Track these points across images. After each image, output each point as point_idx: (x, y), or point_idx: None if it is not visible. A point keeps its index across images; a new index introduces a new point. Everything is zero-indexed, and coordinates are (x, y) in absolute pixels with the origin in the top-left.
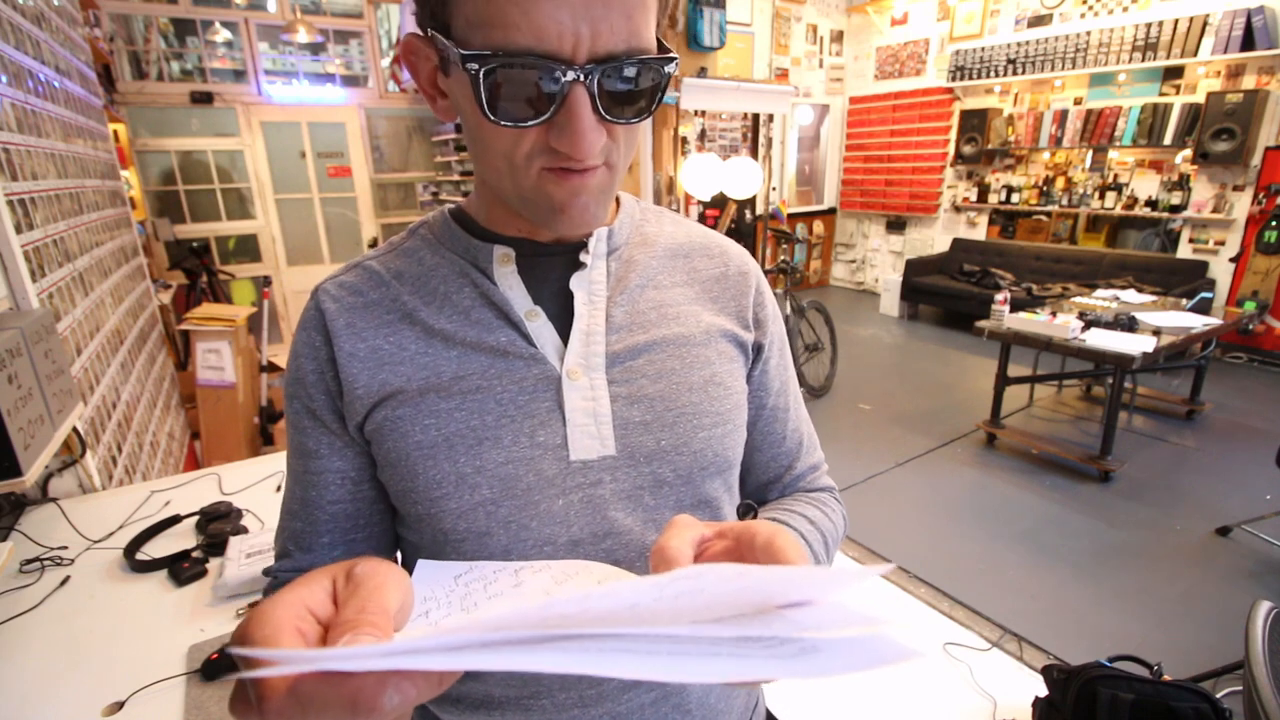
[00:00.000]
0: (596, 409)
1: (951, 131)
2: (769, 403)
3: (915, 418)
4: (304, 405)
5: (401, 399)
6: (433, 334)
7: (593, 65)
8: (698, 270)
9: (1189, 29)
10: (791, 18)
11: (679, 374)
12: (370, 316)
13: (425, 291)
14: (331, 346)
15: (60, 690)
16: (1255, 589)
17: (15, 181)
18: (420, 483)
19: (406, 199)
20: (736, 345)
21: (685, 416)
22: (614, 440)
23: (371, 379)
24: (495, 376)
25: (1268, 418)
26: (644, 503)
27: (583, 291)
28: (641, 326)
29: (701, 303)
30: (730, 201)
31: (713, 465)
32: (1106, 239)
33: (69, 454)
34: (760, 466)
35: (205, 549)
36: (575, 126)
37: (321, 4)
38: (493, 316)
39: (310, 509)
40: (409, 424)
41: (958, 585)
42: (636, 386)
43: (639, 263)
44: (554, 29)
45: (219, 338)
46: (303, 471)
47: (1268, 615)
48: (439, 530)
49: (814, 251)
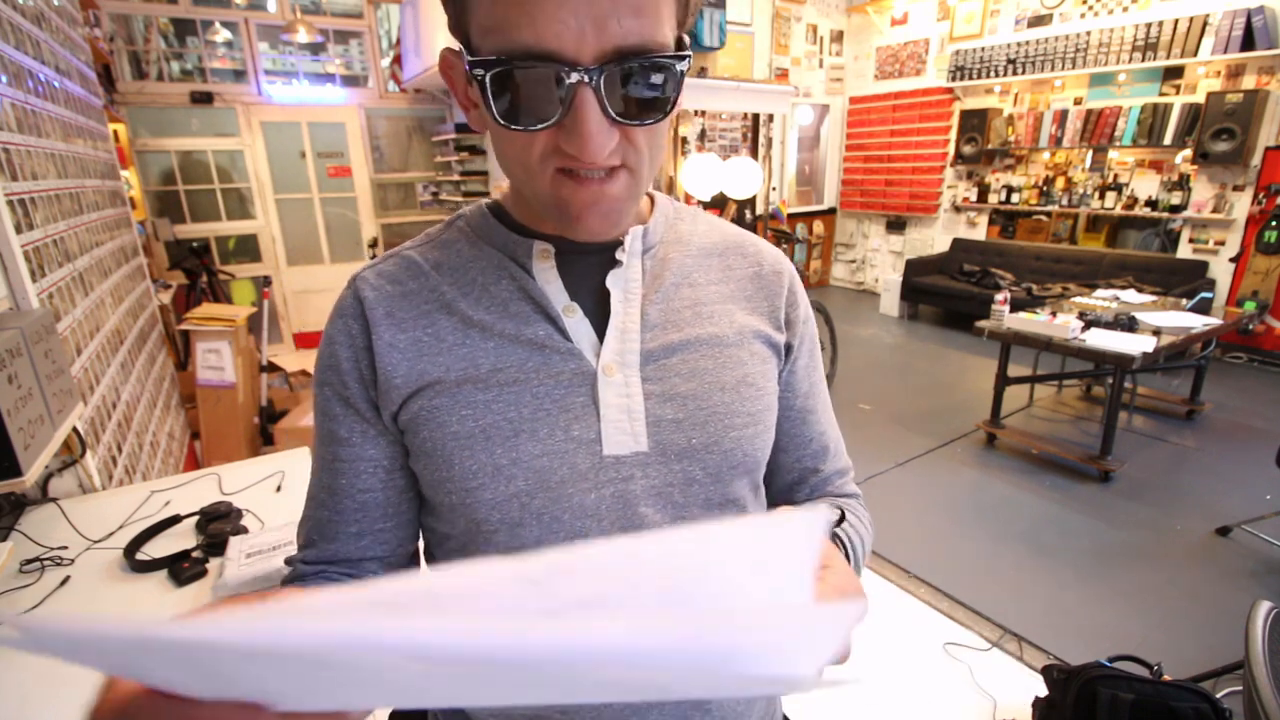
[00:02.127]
0: (630, 405)
1: (951, 131)
2: (796, 404)
3: (915, 418)
4: (336, 392)
5: (439, 389)
6: (470, 324)
7: (599, 65)
8: (732, 269)
9: (1189, 29)
10: (791, 18)
11: (712, 373)
12: (409, 306)
13: (464, 282)
14: (370, 335)
15: (60, 690)
16: (1255, 589)
17: (15, 181)
18: (456, 472)
19: (406, 199)
20: (769, 346)
21: (717, 416)
22: (646, 437)
23: (410, 369)
24: (532, 370)
25: (1268, 418)
26: (673, 499)
27: (619, 289)
28: (676, 325)
29: (735, 301)
30: (730, 201)
31: (742, 465)
32: (1106, 239)
33: (69, 454)
34: (786, 467)
35: (205, 549)
36: (582, 129)
37: (321, 4)
38: (530, 310)
39: (338, 497)
40: (446, 414)
41: (958, 585)
42: (670, 384)
43: (674, 260)
44: (556, 29)
45: (219, 338)
46: (332, 459)
47: (1268, 615)
48: (472, 520)
49: (814, 251)
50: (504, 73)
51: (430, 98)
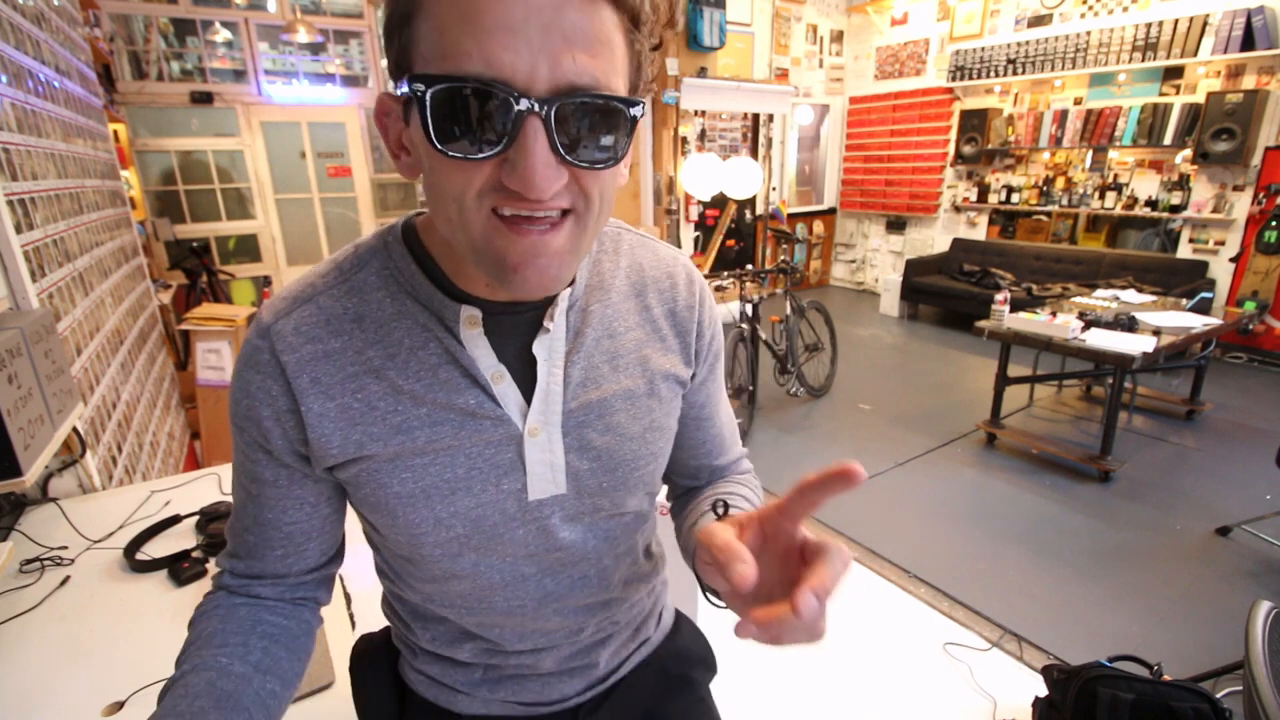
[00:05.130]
0: (553, 460)
1: (951, 131)
2: (693, 414)
3: (915, 418)
4: (256, 441)
5: (377, 458)
6: (400, 392)
7: (551, 98)
8: (649, 310)
9: (1189, 29)
10: (791, 18)
11: (624, 426)
12: (334, 369)
13: (389, 343)
14: (296, 401)
15: (60, 690)
16: (1255, 589)
17: (15, 181)
18: (400, 522)
19: (406, 199)
20: (677, 384)
21: (625, 463)
22: (565, 482)
23: (346, 438)
24: (465, 437)
25: (1268, 418)
26: (585, 521)
27: (544, 352)
28: (595, 382)
29: (651, 345)
30: (730, 201)
31: (643, 490)
32: (1106, 239)
33: (69, 454)
34: (684, 464)
35: (205, 549)
36: (528, 161)
37: (321, 4)
38: (459, 376)
39: (265, 528)
40: (386, 476)
41: (958, 585)
42: (587, 440)
43: (595, 314)
44: (509, 58)
45: (219, 338)
46: (257, 494)
47: (1268, 615)
48: (416, 551)
49: (814, 251)
50: (448, 93)
51: None
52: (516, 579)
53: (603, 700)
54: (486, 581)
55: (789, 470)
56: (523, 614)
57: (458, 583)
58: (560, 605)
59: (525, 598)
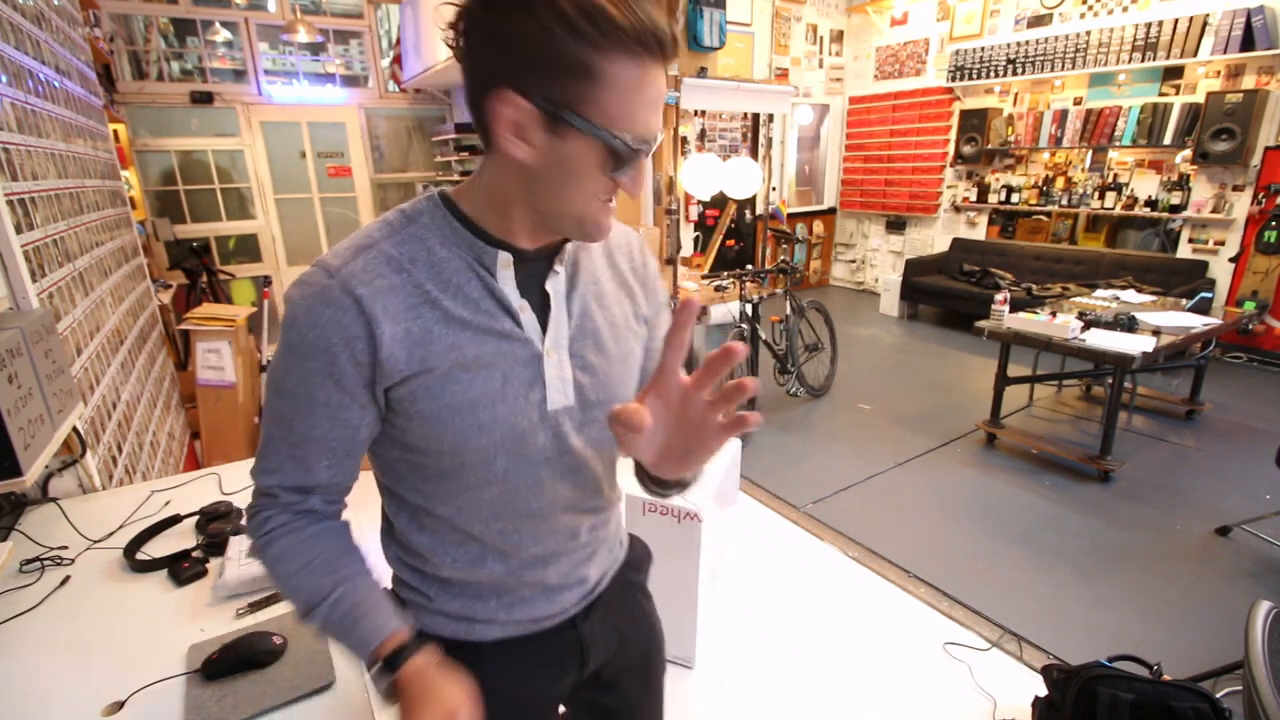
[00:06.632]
0: (564, 375)
1: (951, 131)
2: (653, 345)
3: (915, 418)
4: (323, 369)
5: (434, 373)
6: (451, 318)
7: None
8: (617, 267)
9: (1189, 29)
10: (791, 18)
11: (610, 349)
12: (397, 300)
13: (441, 280)
14: (370, 326)
15: (60, 690)
16: (1255, 589)
17: (15, 181)
18: (449, 430)
19: (406, 199)
20: (643, 323)
21: (612, 378)
22: (573, 395)
23: (410, 355)
24: (502, 354)
25: (1268, 418)
26: (586, 432)
27: (554, 290)
28: (589, 315)
29: (622, 291)
30: (730, 201)
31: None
32: (1106, 239)
33: (69, 454)
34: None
35: (205, 549)
36: (641, 179)
37: (321, 4)
38: (495, 306)
39: (313, 442)
40: (440, 389)
41: (958, 585)
42: (586, 359)
43: (583, 264)
44: (655, 123)
45: (219, 338)
46: (309, 413)
47: (1268, 615)
48: (458, 458)
49: (814, 251)
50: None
51: (430, 98)
52: (536, 482)
53: (591, 608)
54: (513, 485)
55: (789, 470)
56: (540, 516)
57: (488, 489)
58: (567, 504)
59: (542, 499)
